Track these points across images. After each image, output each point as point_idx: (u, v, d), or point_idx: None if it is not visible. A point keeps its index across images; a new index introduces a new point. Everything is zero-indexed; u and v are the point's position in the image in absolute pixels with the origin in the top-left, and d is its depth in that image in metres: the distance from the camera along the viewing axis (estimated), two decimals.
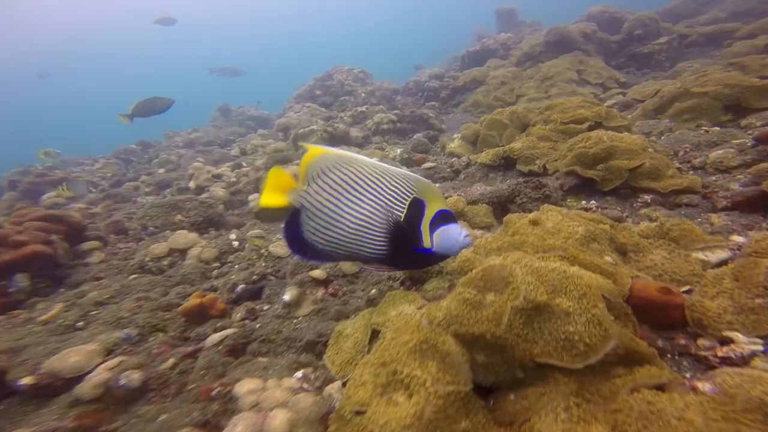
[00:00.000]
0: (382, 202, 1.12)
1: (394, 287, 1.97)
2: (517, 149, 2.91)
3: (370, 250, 1.15)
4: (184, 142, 9.36)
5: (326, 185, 1.16)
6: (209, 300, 2.31)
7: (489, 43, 10.12)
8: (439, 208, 1.14)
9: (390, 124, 6.81)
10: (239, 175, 5.58)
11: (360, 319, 1.63)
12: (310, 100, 9.62)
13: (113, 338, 2.04)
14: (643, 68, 6.37)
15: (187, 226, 3.54)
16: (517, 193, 2.28)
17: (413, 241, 1.13)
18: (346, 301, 2.17)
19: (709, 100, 2.76)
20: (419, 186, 1.14)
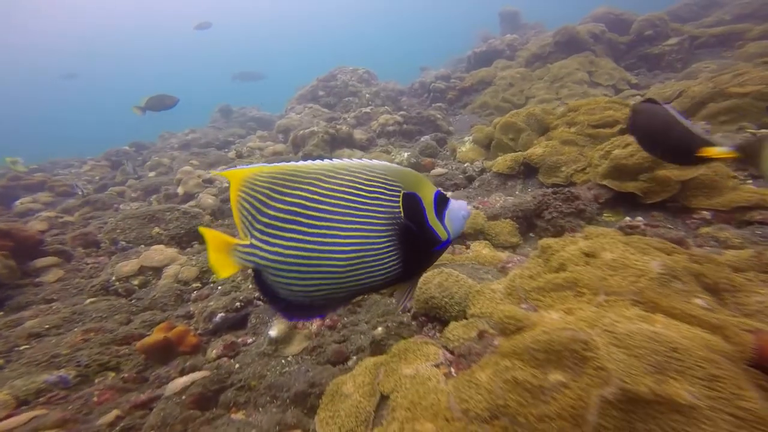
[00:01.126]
0: (375, 211, 0.87)
1: (404, 323, 1.58)
2: (538, 155, 2.54)
3: (379, 275, 0.89)
4: (179, 143, 8.98)
5: (279, 224, 0.86)
6: (178, 333, 1.91)
7: (495, 43, 9.86)
8: (432, 192, 0.94)
9: (396, 126, 6.46)
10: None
11: (363, 374, 1.24)
12: (313, 101, 9.26)
13: (36, 383, 1.63)
14: (654, 69, 6.06)
15: (166, 240, 3.15)
16: (544, 206, 1.91)
17: (431, 242, 0.94)
18: (346, 336, 1.77)
19: (750, 101, 2.41)
20: (401, 178, 0.91)
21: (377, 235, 0.87)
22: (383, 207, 0.88)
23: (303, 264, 0.85)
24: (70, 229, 3.74)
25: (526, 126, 3.04)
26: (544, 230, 1.87)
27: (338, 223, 0.85)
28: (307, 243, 0.84)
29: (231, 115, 11.33)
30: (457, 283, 1.38)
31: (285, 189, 0.85)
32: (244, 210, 0.86)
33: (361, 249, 0.85)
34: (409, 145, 5.75)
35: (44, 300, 2.49)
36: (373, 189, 0.88)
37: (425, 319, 1.49)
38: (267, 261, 0.86)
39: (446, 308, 1.34)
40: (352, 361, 1.57)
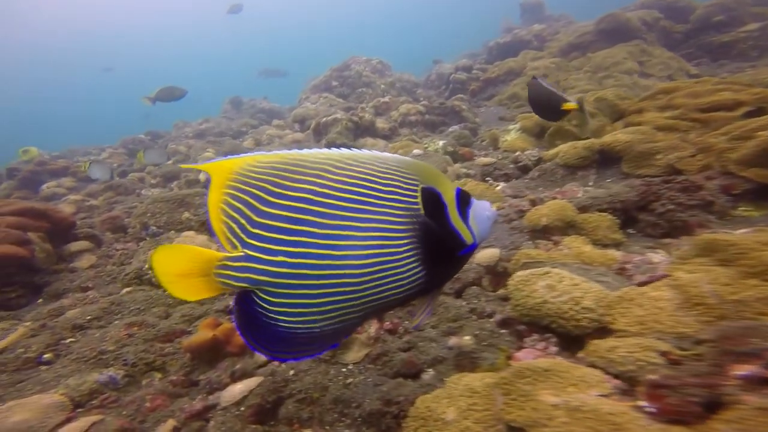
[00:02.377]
0: (392, 207, 0.73)
1: (494, 332, 1.34)
2: (622, 142, 2.25)
3: (401, 286, 0.74)
4: (194, 132, 9.00)
5: (284, 224, 0.69)
6: (225, 331, 1.71)
7: (522, 34, 9.48)
8: (453, 189, 0.82)
9: (417, 116, 6.20)
10: None
11: (468, 395, 1.01)
12: (326, 91, 9.24)
13: (88, 383, 1.45)
14: (720, 59, 5.61)
15: (196, 226, 2.96)
16: (653, 197, 1.64)
17: (455, 247, 0.80)
18: (412, 343, 1.54)
19: None
20: (417, 171, 0.78)
21: (396, 236, 0.72)
22: (401, 202, 0.73)
23: (314, 276, 0.68)
24: (95, 213, 3.58)
25: (597, 111, 2.75)
26: (653, 226, 1.61)
27: (352, 221, 0.70)
28: (319, 248, 0.68)
29: (241, 107, 11.45)
30: (577, 287, 1.14)
31: (289, 182, 0.69)
32: (234, 211, 0.68)
33: (379, 253, 0.70)
34: (433, 135, 5.49)
35: (80, 288, 2.32)
36: (388, 181, 0.74)
37: (526, 329, 1.24)
38: (268, 276, 0.68)
39: (569, 317, 1.10)
40: (428, 375, 1.35)
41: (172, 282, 0.71)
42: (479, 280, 1.73)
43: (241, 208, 0.68)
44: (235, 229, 0.69)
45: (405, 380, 1.36)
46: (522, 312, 1.24)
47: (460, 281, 1.76)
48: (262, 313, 0.70)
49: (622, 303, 1.02)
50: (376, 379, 1.44)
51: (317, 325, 0.71)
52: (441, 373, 1.29)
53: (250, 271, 0.68)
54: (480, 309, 1.58)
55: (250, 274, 0.68)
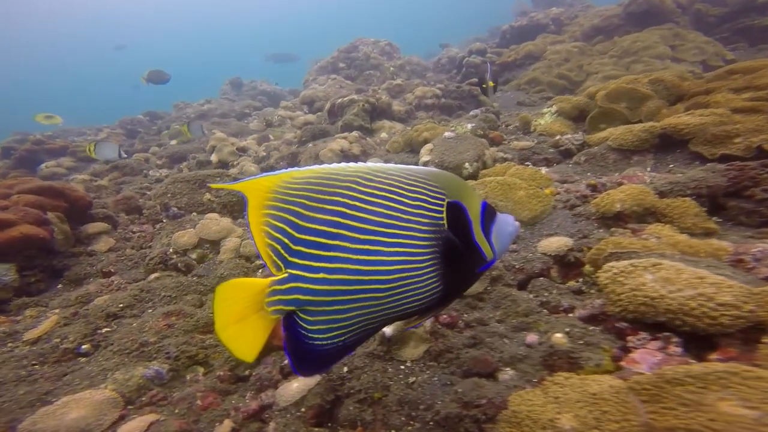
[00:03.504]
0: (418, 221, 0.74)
1: (587, 330, 1.21)
2: (691, 124, 2.09)
3: (418, 299, 0.75)
4: (196, 113, 8.72)
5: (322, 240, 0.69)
6: None
7: (539, 17, 9.15)
8: (479, 204, 0.81)
9: (434, 99, 5.97)
10: (269, 149, 4.80)
11: (588, 403, 0.88)
12: (333, 73, 9.02)
13: (135, 378, 1.32)
14: (758, 44, 5.37)
15: (218, 209, 2.79)
16: (751, 183, 1.49)
17: (475, 261, 0.81)
18: (478, 338, 1.41)
19: None
20: (445, 184, 0.78)
21: (420, 250, 0.73)
22: (426, 216, 0.74)
23: (347, 291, 0.69)
24: (104, 194, 3.39)
25: (652, 93, 2.57)
26: (749, 214, 1.47)
27: (381, 236, 0.70)
28: (352, 263, 0.68)
29: (241, 88, 11.23)
30: (703, 281, 1.00)
31: (324, 195, 0.69)
32: (277, 231, 0.68)
33: (404, 267, 0.71)
34: (450, 119, 5.29)
35: (102, 272, 2.16)
36: (415, 195, 0.74)
37: (629, 326, 1.11)
38: (310, 295, 0.68)
39: (699, 315, 0.95)
40: (507, 375, 1.21)
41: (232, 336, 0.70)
42: (546, 272, 1.59)
43: (283, 227, 0.68)
44: (279, 249, 0.68)
45: (480, 380, 1.23)
46: (625, 308, 1.10)
47: (524, 272, 1.62)
48: (304, 334, 0.71)
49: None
50: (443, 378, 1.31)
51: (343, 339, 0.72)
52: (525, 374, 1.17)
53: (296, 292, 0.68)
54: (554, 303, 1.45)
55: (297, 294, 0.68)
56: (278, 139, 5.58)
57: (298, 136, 5.06)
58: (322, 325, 0.70)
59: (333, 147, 3.64)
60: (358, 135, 3.98)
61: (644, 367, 0.93)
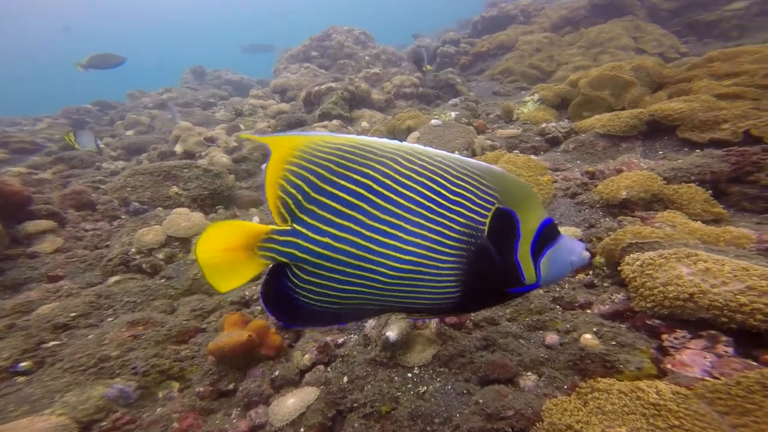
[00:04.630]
0: (451, 218, 0.68)
1: (615, 328, 1.13)
2: (675, 110, 2.10)
3: (427, 300, 0.71)
4: (154, 102, 8.03)
5: (339, 206, 0.67)
6: (257, 330, 1.37)
7: (508, 8, 9.28)
8: (540, 220, 0.72)
9: (412, 88, 5.86)
10: (240, 139, 4.44)
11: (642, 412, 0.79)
12: (306, 62, 8.77)
13: (93, 399, 1.09)
14: (704, 38, 5.70)
15: (187, 203, 2.48)
16: (755, 168, 1.48)
17: (508, 281, 0.72)
18: (491, 339, 1.30)
19: None
20: (502, 186, 0.70)
21: (443, 249, 0.68)
22: (464, 216, 0.69)
23: (350, 264, 0.67)
24: (47, 188, 2.93)
25: (636, 80, 2.58)
26: (753, 199, 1.47)
27: (403, 221, 0.67)
28: (363, 238, 0.67)
29: (204, 77, 10.64)
30: (748, 272, 0.94)
31: (353, 164, 0.67)
32: (293, 187, 0.67)
33: (418, 262, 0.68)
34: (429, 108, 5.21)
35: (47, 277, 1.82)
36: (459, 189, 0.69)
37: (664, 324, 1.04)
38: (308, 254, 0.68)
39: (750, 311, 0.89)
40: (530, 381, 1.11)
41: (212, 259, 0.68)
42: None
43: (300, 184, 0.67)
44: (290, 204, 0.67)
45: (502, 387, 1.12)
46: (659, 303, 1.03)
47: None
48: (291, 288, 0.71)
49: None
50: (458, 387, 1.19)
51: (335, 307, 0.72)
52: (552, 380, 1.07)
53: (294, 247, 0.67)
54: (568, 298, 1.37)
55: (294, 249, 0.67)
56: (250, 128, 5.20)
57: (272, 126, 4.73)
58: (314, 287, 0.69)
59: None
60: (339, 123, 3.76)
61: (697, 370, 0.86)
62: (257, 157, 3.84)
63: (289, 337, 1.58)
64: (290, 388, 1.32)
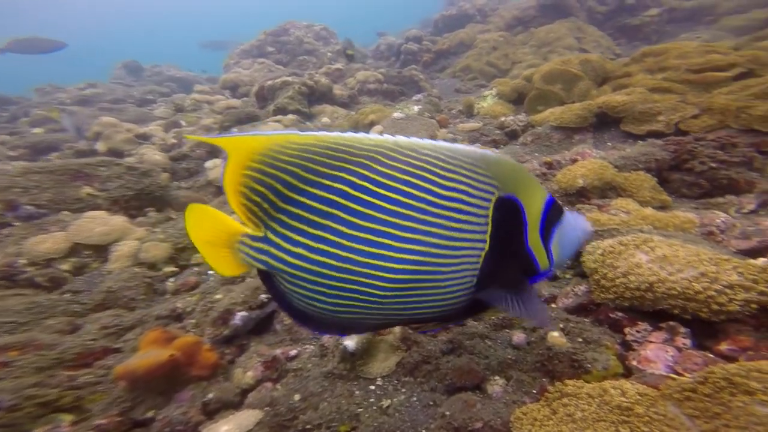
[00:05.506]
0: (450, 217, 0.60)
1: (579, 323, 1.07)
2: (620, 102, 2.16)
3: (435, 308, 0.64)
4: (73, 99, 7.05)
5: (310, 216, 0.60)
6: (184, 347, 1.14)
7: (466, 7, 9.55)
8: (543, 200, 0.66)
9: (377, 84, 5.74)
10: (179, 136, 4.01)
11: (623, 418, 0.70)
12: (261, 57, 8.38)
13: None
14: (633, 41, 6.20)
15: (105, 205, 2.12)
16: (690, 156, 1.52)
17: (525, 272, 0.67)
18: (457, 342, 1.20)
19: None
20: (498, 172, 0.63)
21: (444, 252, 0.62)
22: (464, 213, 0.62)
23: (332, 277, 0.61)
24: None
25: (583, 74, 2.65)
26: (690, 186, 1.50)
27: (390, 226, 0.60)
28: (343, 249, 0.60)
29: (142, 73, 9.77)
30: (699, 257, 0.90)
31: (325, 168, 0.60)
32: (256, 195, 0.61)
33: (415, 270, 0.61)
34: (394, 104, 5.13)
35: None
36: (453, 183, 0.61)
37: (626, 316, 0.98)
38: (283, 264, 0.62)
39: (703, 300, 0.84)
40: (498, 387, 1.02)
41: (205, 249, 0.66)
42: None
43: (264, 191, 0.60)
44: (257, 212, 0.62)
45: (469, 395, 1.01)
46: (620, 294, 0.97)
47: None
48: (282, 289, 0.67)
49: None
50: (424, 398, 1.07)
51: (329, 317, 0.66)
52: (520, 384, 0.97)
53: (267, 255, 0.63)
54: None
55: (267, 257, 0.63)
56: (193, 124, 4.73)
57: (219, 122, 4.33)
58: (301, 297, 0.64)
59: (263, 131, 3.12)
60: (295, 118, 3.51)
61: (661, 366, 0.80)
62: (200, 154, 3.46)
63: (231, 352, 1.37)
64: (228, 412, 1.12)
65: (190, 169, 3.34)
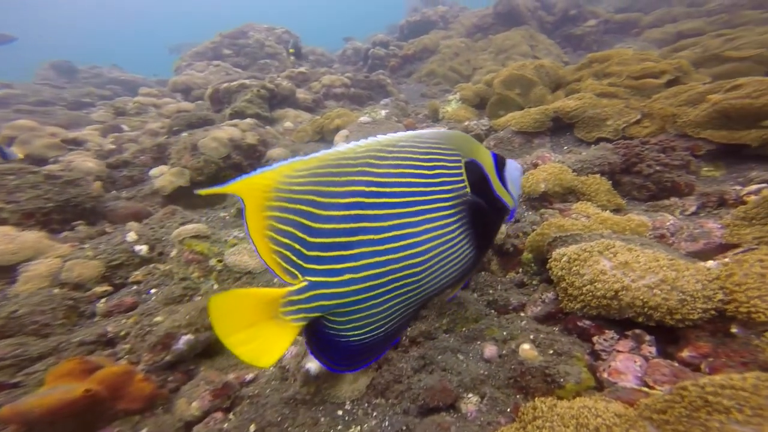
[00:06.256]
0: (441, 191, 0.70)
1: (547, 332, 1.04)
2: (571, 108, 2.25)
3: (455, 269, 0.72)
4: None
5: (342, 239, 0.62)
6: (109, 380, 0.96)
7: (429, 14, 9.76)
8: (489, 155, 0.82)
9: (343, 88, 5.64)
10: (119, 142, 3.63)
11: None
12: (216, 60, 7.98)
13: None
14: (577, 50, 6.65)
15: (15, 219, 1.82)
16: (638, 160, 1.58)
17: (501, 213, 0.82)
18: (429, 358, 1.13)
19: (750, 65, 2.57)
20: (456, 144, 0.75)
21: (449, 221, 0.71)
22: (448, 184, 0.72)
23: (380, 285, 0.64)
24: None
25: (538, 79, 2.73)
26: (640, 188, 1.56)
27: (407, 216, 0.66)
28: (380, 254, 0.63)
29: (75, 75, 9.01)
30: (659, 263, 0.90)
31: (335, 187, 0.62)
32: (284, 236, 0.61)
33: (437, 243, 0.68)
34: (362, 108, 5.06)
35: None
36: (432, 163, 0.71)
37: (593, 325, 0.96)
38: (338, 299, 0.63)
39: (666, 309, 0.83)
40: (472, 404, 0.97)
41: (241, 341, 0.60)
42: (487, 264, 1.42)
43: (291, 231, 0.61)
44: (291, 256, 0.61)
45: (443, 417, 0.94)
46: (587, 303, 0.95)
47: None
48: (334, 334, 0.67)
49: (747, 281, 0.79)
50: (397, 422, 0.98)
51: (383, 330, 0.69)
52: (494, 402, 0.92)
53: (319, 299, 0.62)
54: (501, 301, 1.26)
55: (321, 301, 0.62)
56: (137, 129, 4.31)
57: (167, 126, 3.98)
58: (357, 323, 0.66)
59: (218, 135, 2.89)
60: (253, 122, 3.30)
61: (631, 378, 0.78)
62: (144, 161, 3.14)
63: (175, 380, 1.20)
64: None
65: (132, 177, 3.02)
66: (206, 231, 1.76)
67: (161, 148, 3.23)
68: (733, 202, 1.30)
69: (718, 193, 1.39)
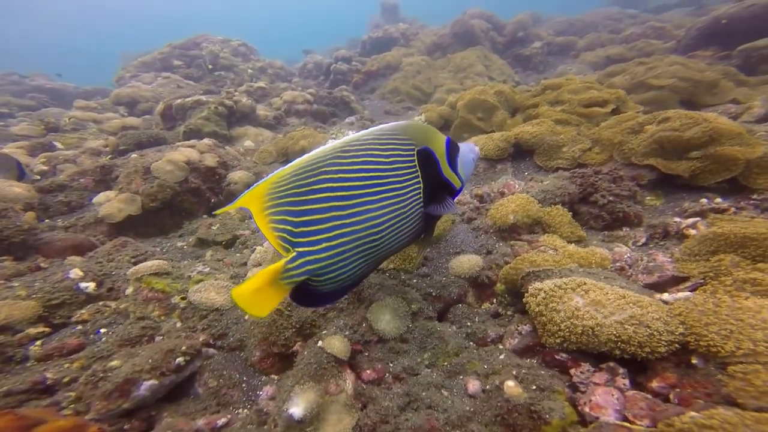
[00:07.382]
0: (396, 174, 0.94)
1: (530, 367, 1.08)
2: (530, 134, 2.41)
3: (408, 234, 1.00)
4: None
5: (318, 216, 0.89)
6: None
7: (391, 30, 10.01)
8: (443, 141, 1.04)
9: (306, 105, 5.55)
10: (52, 162, 3.24)
11: None
12: (166, 71, 7.51)
13: None
14: (526, 69, 7.22)
15: None
16: (593, 190, 1.74)
17: (448, 192, 1.05)
18: (413, 394, 1.12)
19: (668, 93, 2.94)
20: (412, 134, 0.98)
21: (403, 198, 0.94)
22: (403, 168, 0.94)
23: (347, 250, 0.90)
24: None
25: (499, 104, 2.91)
26: (596, 218, 1.69)
27: (368, 196, 0.90)
28: (347, 226, 0.89)
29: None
30: (626, 300, 0.98)
31: (310, 179, 0.87)
32: (279, 224, 0.87)
33: (392, 216, 0.93)
34: (325, 126, 5.03)
35: None
36: (389, 152, 0.93)
37: (571, 358, 1.02)
38: (318, 263, 0.88)
39: (637, 344, 0.91)
40: None
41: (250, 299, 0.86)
42: (464, 297, 1.45)
43: (283, 218, 0.87)
44: (286, 236, 0.88)
45: None
46: (566, 338, 1.01)
47: (442, 300, 1.43)
48: (314, 287, 0.93)
49: (704, 317, 0.90)
50: None
51: (351, 280, 0.95)
52: None
53: (305, 265, 0.88)
54: (480, 334, 1.30)
55: (306, 266, 0.88)
56: (73, 147, 3.88)
57: (112, 144, 3.62)
58: (331, 276, 0.91)
59: (175, 158, 2.68)
60: (212, 143, 3.11)
61: (611, 412, 0.84)
62: (85, 183, 2.82)
63: (133, 428, 1.08)
64: None
65: (70, 202, 2.70)
66: (167, 267, 1.61)
67: (105, 170, 2.93)
68: (675, 233, 1.48)
69: (662, 225, 1.54)
